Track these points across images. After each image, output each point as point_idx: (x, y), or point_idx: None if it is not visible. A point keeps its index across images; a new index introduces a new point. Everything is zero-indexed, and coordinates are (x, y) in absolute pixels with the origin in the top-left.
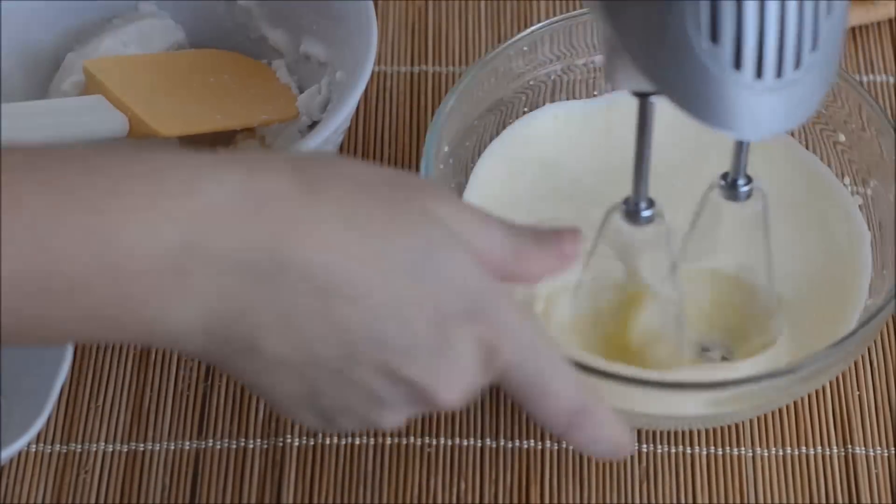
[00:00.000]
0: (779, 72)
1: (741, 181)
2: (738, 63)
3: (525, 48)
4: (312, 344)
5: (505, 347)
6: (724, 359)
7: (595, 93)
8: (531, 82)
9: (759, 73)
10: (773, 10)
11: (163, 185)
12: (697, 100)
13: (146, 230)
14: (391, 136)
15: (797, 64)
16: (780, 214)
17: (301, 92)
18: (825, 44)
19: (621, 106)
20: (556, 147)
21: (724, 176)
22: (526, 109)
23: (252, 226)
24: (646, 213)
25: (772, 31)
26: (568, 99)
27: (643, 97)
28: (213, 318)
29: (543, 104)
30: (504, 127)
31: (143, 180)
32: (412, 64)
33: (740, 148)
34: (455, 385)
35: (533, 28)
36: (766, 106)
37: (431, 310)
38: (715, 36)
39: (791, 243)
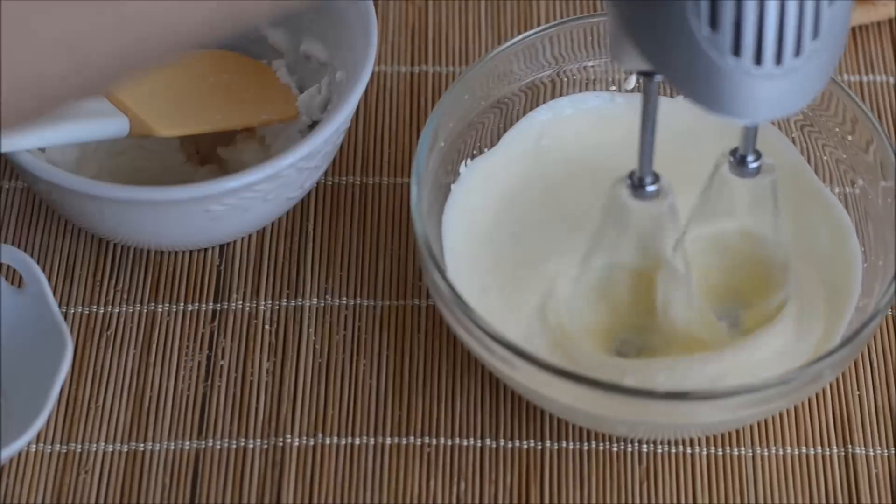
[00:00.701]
0: (778, 59)
1: (750, 157)
2: (737, 50)
3: (524, 50)
4: None
5: None
6: (732, 326)
7: (594, 92)
8: (529, 84)
9: (758, 60)
10: None
11: None
12: (697, 84)
13: None
14: (391, 136)
15: (797, 52)
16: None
17: (301, 92)
18: (827, 32)
19: (618, 108)
20: (554, 147)
21: (733, 152)
22: (524, 110)
23: None
24: (651, 188)
25: (771, 20)
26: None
27: (647, 76)
28: None
29: (540, 105)
30: (501, 126)
31: None
32: (412, 64)
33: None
34: None
35: (532, 31)
36: (764, 91)
37: None
38: (714, 23)
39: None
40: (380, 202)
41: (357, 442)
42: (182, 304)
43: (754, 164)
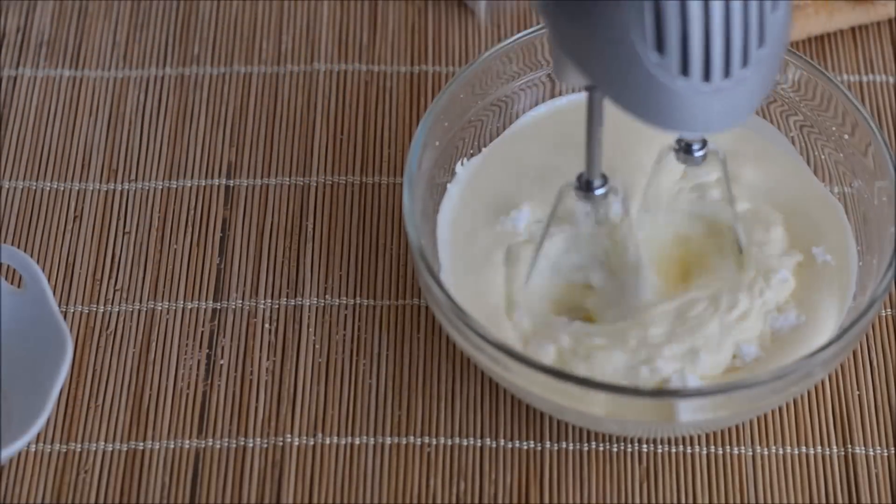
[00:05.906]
0: (726, 72)
1: (696, 146)
2: (685, 70)
3: (521, 49)
4: None
5: None
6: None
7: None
8: (527, 82)
9: (706, 76)
10: (717, 14)
11: None
12: (647, 105)
13: None
14: (390, 136)
15: (745, 62)
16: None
17: None
18: (771, 39)
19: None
20: (551, 147)
21: (679, 141)
22: (521, 109)
23: None
24: (599, 191)
25: (718, 37)
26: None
27: (592, 89)
28: None
29: (539, 104)
30: (499, 126)
31: None
32: (412, 64)
33: None
34: None
35: (529, 30)
36: (715, 104)
37: None
38: (661, 47)
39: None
40: (379, 202)
41: (357, 441)
42: (181, 302)
43: (700, 153)
